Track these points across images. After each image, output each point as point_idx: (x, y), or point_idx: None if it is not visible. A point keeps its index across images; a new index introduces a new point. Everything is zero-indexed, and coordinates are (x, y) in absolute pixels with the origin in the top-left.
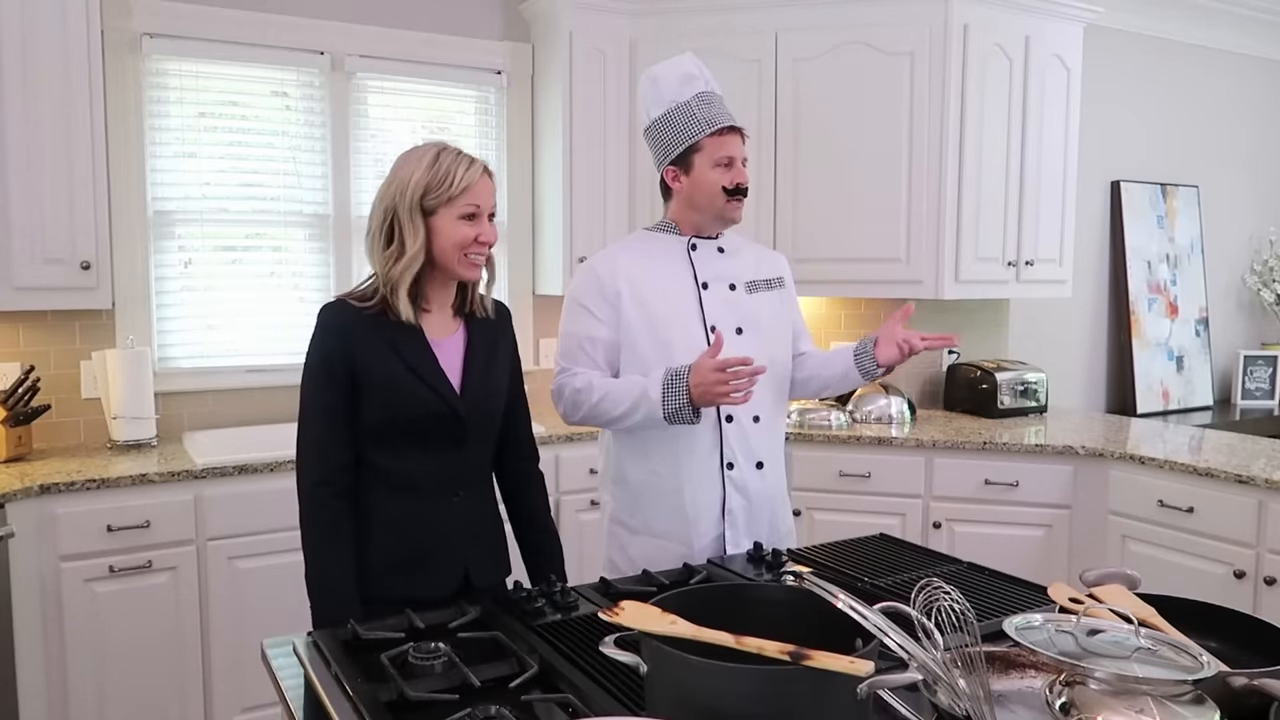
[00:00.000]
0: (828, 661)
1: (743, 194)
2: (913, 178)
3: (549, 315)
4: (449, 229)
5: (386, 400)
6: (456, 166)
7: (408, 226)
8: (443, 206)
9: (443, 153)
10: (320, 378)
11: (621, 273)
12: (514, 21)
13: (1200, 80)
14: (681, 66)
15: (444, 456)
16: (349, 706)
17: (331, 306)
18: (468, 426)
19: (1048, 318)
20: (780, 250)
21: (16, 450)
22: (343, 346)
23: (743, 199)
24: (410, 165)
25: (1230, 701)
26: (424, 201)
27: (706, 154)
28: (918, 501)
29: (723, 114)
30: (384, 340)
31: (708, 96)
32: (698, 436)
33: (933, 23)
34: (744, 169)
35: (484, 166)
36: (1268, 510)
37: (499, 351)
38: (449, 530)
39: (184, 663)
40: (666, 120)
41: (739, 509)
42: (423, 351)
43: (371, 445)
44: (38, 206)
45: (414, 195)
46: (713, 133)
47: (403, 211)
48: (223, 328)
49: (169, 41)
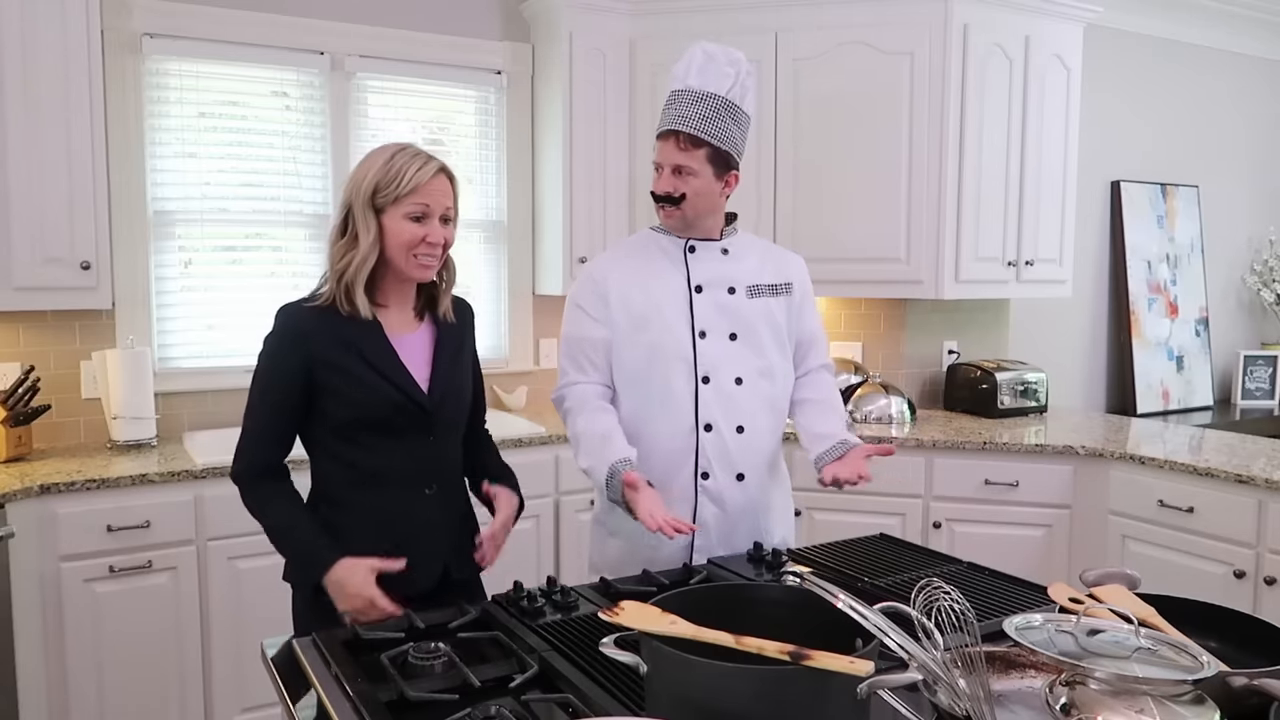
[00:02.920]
0: (828, 661)
1: (666, 201)
2: (913, 178)
3: (549, 315)
4: (396, 228)
5: (349, 398)
6: (408, 166)
7: (360, 222)
8: (391, 205)
9: (399, 152)
10: (267, 379)
11: (613, 274)
12: (514, 21)
13: (1200, 80)
14: (679, 61)
15: (413, 451)
16: (349, 706)
17: (287, 309)
18: (435, 420)
19: (1048, 318)
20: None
21: (16, 450)
22: (297, 351)
23: (666, 207)
24: (369, 162)
25: (1230, 701)
26: (375, 199)
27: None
28: (918, 501)
29: (668, 117)
30: (341, 339)
31: (674, 97)
32: (674, 443)
33: (933, 23)
34: (669, 176)
35: (440, 167)
36: (1268, 510)
37: (464, 349)
38: (425, 524)
39: (184, 663)
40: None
41: (712, 519)
42: (382, 347)
43: (341, 443)
44: (38, 206)
45: (366, 192)
46: (656, 137)
47: (357, 207)
48: (223, 328)
49: (169, 41)
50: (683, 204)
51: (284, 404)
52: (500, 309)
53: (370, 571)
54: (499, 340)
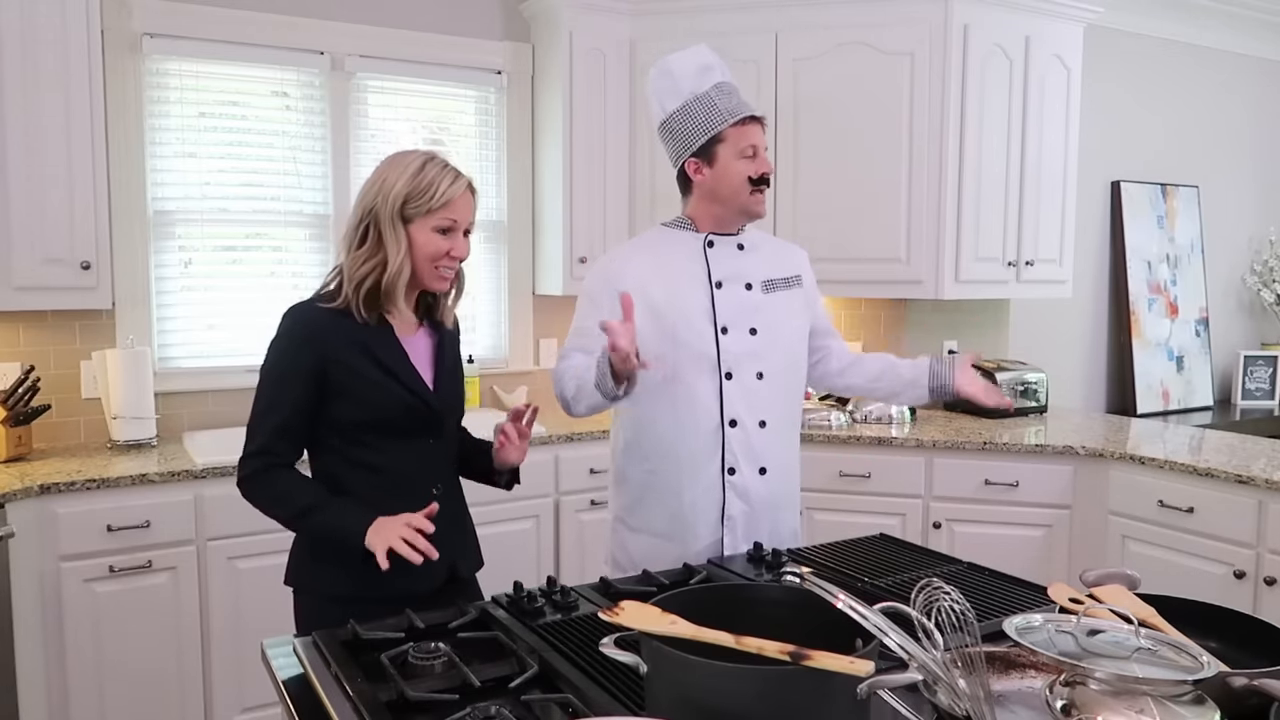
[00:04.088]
0: (828, 661)
1: (766, 184)
2: (913, 178)
3: (549, 315)
4: (423, 240)
5: (363, 399)
6: (441, 179)
7: (388, 233)
8: (421, 217)
9: (429, 163)
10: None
11: (630, 273)
12: (514, 21)
13: (1200, 80)
14: (699, 57)
15: (421, 452)
16: (349, 706)
17: (300, 311)
18: (442, 421)
19: (1048, 318)
20: None
21: (16, 450)
22: (312, 350)
23: (765, 189)
24: (396, 170)
25: (1230, 701)
26: (404, 210)
27: (730, 144)
28: (918, 501)
29: (743, 104)
30: (357, 343)
31: (726, 87)
32: (699, 440)
33: (933, 23)
34: (767, 158)
35: (469, 183)
36: (1268, 510)
37: (459, 357)
38: (436, 523)
39: (184, 662)
40: (685, 112)
41: (739, 514)
42: (395, 350)
43: (350, 445)
44: (38, 206)
45: (395, 202)
46: (736, 122)
47: (383, 217)
48: (223, 328)
49: (169, 41)
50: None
51: (301, 401)
52: (500, 309)
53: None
54: (499, 340)
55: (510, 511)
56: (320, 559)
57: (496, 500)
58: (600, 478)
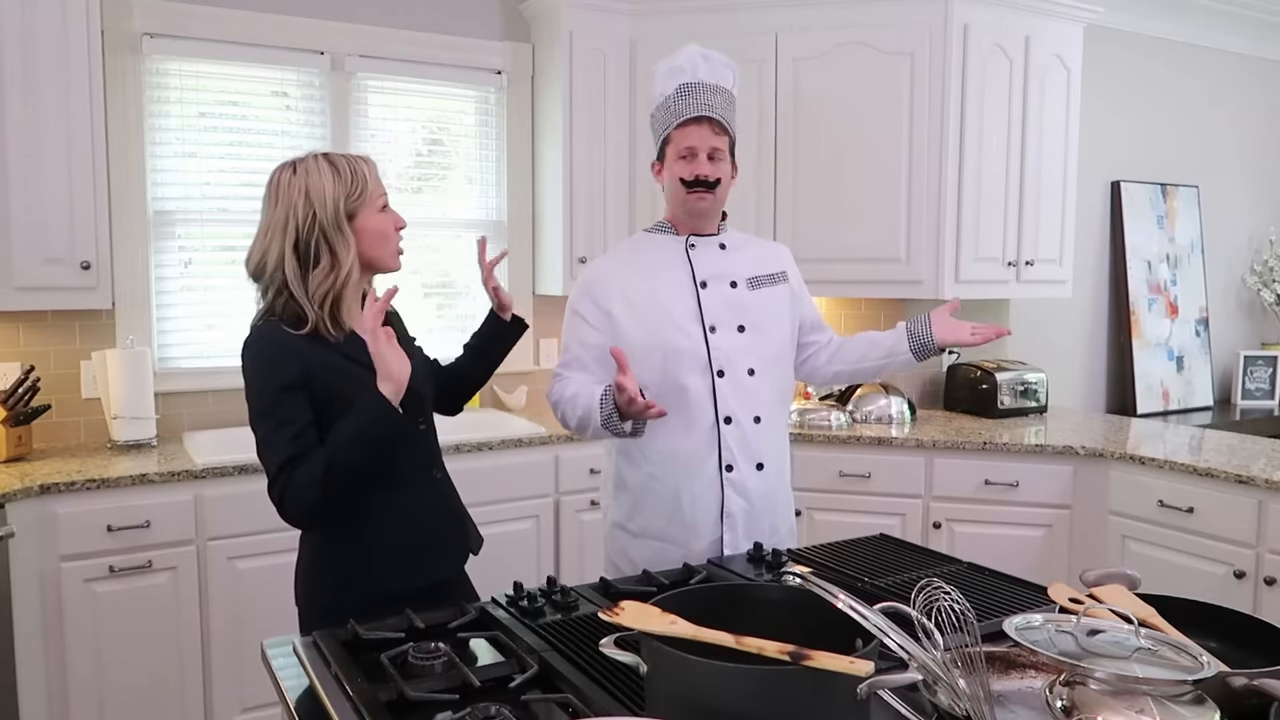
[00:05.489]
0: (828, 661)
1: (703, 186)
2: (913, 178)
3: (549, 315)
4: (373, 224)
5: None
6: (356, 165)
7: (336, 239)
8: (363, 207)
9: (331, 159)
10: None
11: (615, 280)
12: (514, 21)
13: (1200, 80)
14: (674, 59)
15: (416, 439)
16: (349, 706)
17: (268, 331)
18: (425, 403)
19: (1048, 318)
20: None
21: (16, 450)
22: (296, 362)
23: (704, 191)
24: (312, 181)
25: (1230, 701)
26: (346, 207)
27: (674, 146)
28: (918, 501)
29: (694, 105)
30: (337, 356)
31: (690, 88)
32: (695, 439)
33: (933, 23)
34: (706, 161)
35: (369, 158)
36: (1268, 510)
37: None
38: (440, 508)
39: (184, 663)
40: (653, 115)
41: (739, 511)
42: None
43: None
44: (38, 206)
45: (334, 205)
46: (679, 124)
47: (328, 226)
48: (223, 328)
49: (169, 41)
50: (716, 189)
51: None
52: None
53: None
54: None
55: (510, 511)
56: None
57: (497, 500)
58: (601, 478)
